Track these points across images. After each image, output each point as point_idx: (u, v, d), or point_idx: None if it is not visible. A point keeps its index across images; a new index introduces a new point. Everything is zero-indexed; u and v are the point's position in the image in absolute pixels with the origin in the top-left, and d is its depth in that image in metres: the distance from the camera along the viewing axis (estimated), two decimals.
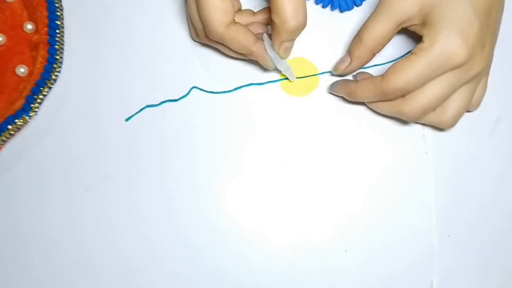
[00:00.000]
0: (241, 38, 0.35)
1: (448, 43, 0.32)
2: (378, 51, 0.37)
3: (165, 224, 0.39)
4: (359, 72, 0.39)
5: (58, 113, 0.40)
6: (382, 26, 0.35)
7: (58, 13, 0.39)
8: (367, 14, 0.40)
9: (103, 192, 0.39)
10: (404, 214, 0.39)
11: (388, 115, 0.38)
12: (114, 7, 0.41)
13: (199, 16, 0.34)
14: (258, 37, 0.36)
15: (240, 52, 0.36)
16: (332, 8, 0.41)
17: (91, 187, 0.39)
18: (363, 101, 0.38)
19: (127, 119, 0.40)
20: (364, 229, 0.39)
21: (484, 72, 0.36)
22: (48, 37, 0.38)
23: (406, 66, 0.33)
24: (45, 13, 0.38)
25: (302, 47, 0.40)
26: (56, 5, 0.39)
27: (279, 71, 0.39)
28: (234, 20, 0.35)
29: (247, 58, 0.38)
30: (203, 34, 0.37)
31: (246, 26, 0.36)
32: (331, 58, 0.40)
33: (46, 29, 0.38)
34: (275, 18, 0.33)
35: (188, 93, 0.40)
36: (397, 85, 0.34)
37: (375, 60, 0.39)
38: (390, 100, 0.36)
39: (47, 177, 0.39)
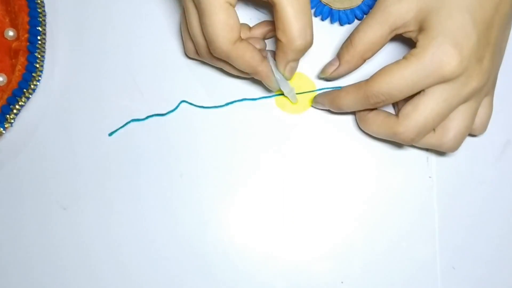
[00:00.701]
0: (248, 57, 0.33)
1: (440, 51, 0.31)
2: (369, 57, 0.35)
3: (148, 246, 0.37)
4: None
5: (36, 126, 0.37)
6: (375, 30, 0.33)
7: (40, 19, 0.36)
8: None
9: (81, 212, 0.37)
10: (405, 243, 0.36)
11: (383, 138, 0.35)
12: (102, 17, 0.39)
13: (203, 32, 0.32)
14: (263, 55, 0.34)
15: (245, 71, 0.34)
16: (332, 21, 0.39)
17: (69, 206, 0.37)
18: (347, 109, 0.35)
19: (110, 134, 0.37)
20: (362, 259, 0.36)
21: (485, 90, 0.34)
22: (28, 43, 0.36)
23: (393, 69, 0.32)
24: (27, 18, 0.36)
25: (300, 61, 0.38)
26: (39, 10, 0.37)
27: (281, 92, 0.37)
28: (240, 37, 0.33)
29: (248, 77, 0.36)
30: (205, 51, 0.34)
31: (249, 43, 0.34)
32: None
33: (27, 35, 0.36)
34: (281, 36, 0.32)
35: (177, 107, 0.38)
36: (382, 88, 0.32)
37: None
38: (374, 107, 0.34)
39: (22, 194, 0.37)
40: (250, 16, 0.39)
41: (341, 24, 0.39)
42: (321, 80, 0.38)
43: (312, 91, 0.38)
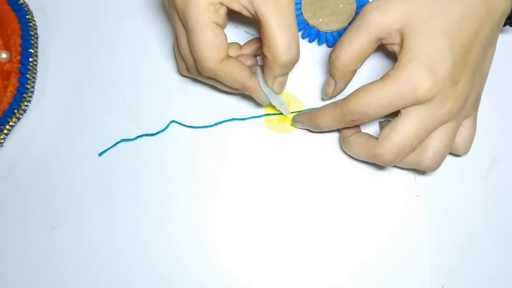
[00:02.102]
0: (236, 74, 0.33)
1: (415, 74, 0.31)
2: (358, 67, 0.35)
3: (137, 264, 0.36)
4: None
5: (27, 146, 0.38)
6: (361, 41, 0.33)
7: (32, 41, 0.37)
8: None
9: (70, 231, 0.37)
10: (394, 262, 0.36)
11: (365, 160, 0.35)
12: (93, 38, 0.40)
13: (191, 51, 0.33)
14: (252, 71, 0.35)
15: (234, 87, 0.35)
16: (319, 43, 0.39)
17: (58, 226, 0.37)
18: (325, 127, 0.36)
19: (100, 154, 0.38)
20: (351, 278, 0.36)
21: (465, 111, 0.34)
22: (20, 65, 0.36)
23: (369, 89, 0.32)
24: (19, 41, 0.37)
25: (288, 82, 0.39)
26: (31, 33, 0.37)
27: (272, 106, 0.37)
28: (227, 55, 0.33)
29: (239, 93, 0.37)
30: (194, 70, 0.35)
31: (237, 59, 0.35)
32: (317, 94, 0.39)
33: (19, 57, 0.37)
34: (267, 52, 0.32)
35: (166, 127, 0.38)
36: (357, 107, 0.33)
37: None
38: (351, 125, 0.34)
39: (12, 213, 0.37)
40: (239, 38, 0.39)
41: (329, 46, 0.39)
42: (327, 100, 0.38)
43: (302, 111, 0.38)
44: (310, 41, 0.39)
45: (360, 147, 0.35)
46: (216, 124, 0.38)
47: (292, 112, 0.38)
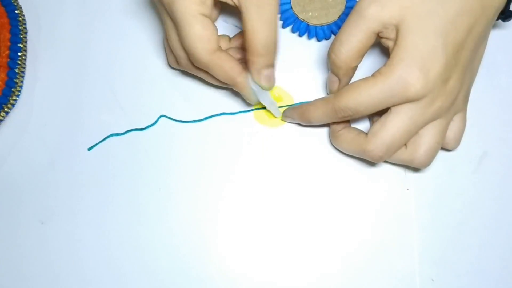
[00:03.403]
0: (227, 67, 0.33)
1: (407, 73, 0.31)
2: (359, 62, 0.34)
3: (128, 261, 0.36)
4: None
5: (16, 140, 0.38)
6: (360, 37, 0.33)
7: (21, 36, 0.37)
8: None
9: (59, 226, 0.37)
10: (384, 256, 0.36)
11: (354, 155, 0.36)
12: (83, 33, 0.40)
13: (181, 45, 0.33)
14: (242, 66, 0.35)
15: (224, 81, 0.34)
16: (309, 37, 0.39)
17: (47, 220, 0.37)
18: (315, 122, 0.36)
19: (89, 148, 0.38)
20: (341, 272, 0.36)
21: (455, 107, 0.34)
22: (9, 60, 0.36)
23: (361, 86, 0.32)
24: (8, 35, 0.37)
25: (277, 76, 0.39)
26: (20, 28, 0.37)
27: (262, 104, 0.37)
28: (219, 47, 0.33)
29: (228, 87, 0.36)
30: (185, 63, 0.35)
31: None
32: (307, 88, 0.39)
33: (7, 52, 0.37)
34: (246, 43, 0.32)
35: (156, 121, 0.38)
36: (349, 104, 0.32)
37: None
38: (341, 120, 0.34)
39: (0, 208, 0.37)
40: (229, 32, 0.39)
41: (318, 40, 0.39)
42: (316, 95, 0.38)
43: (292, 105, 0.38)
44: (300, 35, 0.39)
45: (350, 142, 0.35)
46: (206, 118, 0.38)
47: (281, 107, 0.38)
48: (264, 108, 0.38)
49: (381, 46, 0.38)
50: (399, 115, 0.32)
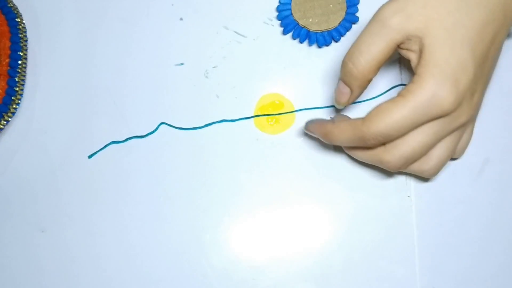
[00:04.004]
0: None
1: (439, 88, 0.29)
2: (376, 74, 0.32)
3: (128, 269, 0.36)
4: (337, 114, 0.35)
5: (17, 148, 0.38)
6: (381, 47, 0.31)
7: (21, 44, 0.37)
8: (346, 49, 0.39)
9: (60, 234, 0.37)
10: (384, 263, 0.36)
11: (369, 163, 0.34)
12: (83, 40, 0.40)
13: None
14: None
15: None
16: (310, 43, 0.39)
17: (48, 229, 0.37)
18: (339, 144, 0.34)
19: (90, 156, 0.38)
20: (341, 279, 0.36)
21: (470, 120, 0.33)
22: (9, 68, 0.36)
23: (390, 109, 0.30)
24: (8, 43, 0.37)
25: (278, 83, 0.39)
26: (20, 36, 0.37)
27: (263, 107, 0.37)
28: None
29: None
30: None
31: None
32: (308, 95, 0.38)
33: (8, 60, 0.37)
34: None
35: (156, 129, 0.38)
36: (379, 130, 0.30)
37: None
38: (370, 147, 0.32)
39: (1, 216, 0.37)
40: (229, 39, 0.39)
41: (319, 46, 0.39)
42: (339, 109, 0.37)
43: (291, 111, 0.38)
44: (300, 42, 0.39)
45: (366, 152, 0.33)
46: (206, 125, 0.38)
47: (281, 113, 0.38)
48: (264, 115, 0.38)
49: None
50: (423, 129, 0.30)
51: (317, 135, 0.35)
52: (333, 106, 0.38)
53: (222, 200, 0.37)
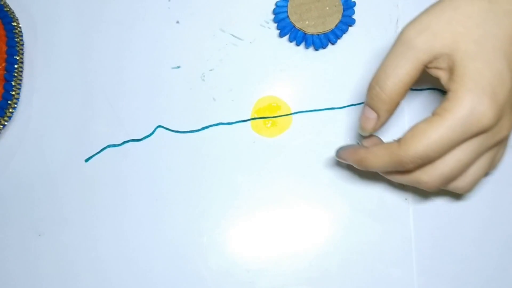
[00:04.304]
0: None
1: (478, 104, 0.27)
2: (403, 98, 0.31)
3: (125, 272, 0.36)
4: (365, 139, 0.34)
5: (13, 152, 0.38)
6: (407, 69, 0.29)
7: (18, 48, 0.37)
8: (343, 52, 0.39)
9: (57, 238, 0.37)
10: (382, 266, 0.36)
11: (403, 183, 0.33)
12: (79, 44, 0.40)
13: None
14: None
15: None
16: (306, 46, 0.39)
17: (45, 232, 0.37)
18: (375, 170, 0.32)
19: (86, 160, 0.38)
20: (339, 282, 0.36)
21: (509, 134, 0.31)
22: (5, 72, 0.36)
23: (427, 129, 0.28)
24: (4, 47, 0.37)
25: (275, 85, 0.39)
26: (16, 40, 0.37)
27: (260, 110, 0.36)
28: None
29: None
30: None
31: None
32: (305, 98, 0.38)
33: (4, 64, 0.37)
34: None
35: (153, 132, 0.38)
36: (418, 152, 0.28)
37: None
38: (409, 171, 0.30)
39: None
40: (226, 42, 0.39)
41: (316, 49, 0.39)
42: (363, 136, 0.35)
43: (288, 114, 0.38)
44: (297, 44, 0.39)
45: (403, 174, 0.31)
46: (203, 128, 0.38)
47: (278, 116, 0.38)
48: (260, 118, 0.38)
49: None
50: (461, 147, 0.29)
51: (351, 162, 0.33)
52: (330, 108, 0.38)
53: (219, 203, 0.37)
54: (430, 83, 0.38)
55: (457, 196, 0.37)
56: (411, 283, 0.36)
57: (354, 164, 0.33)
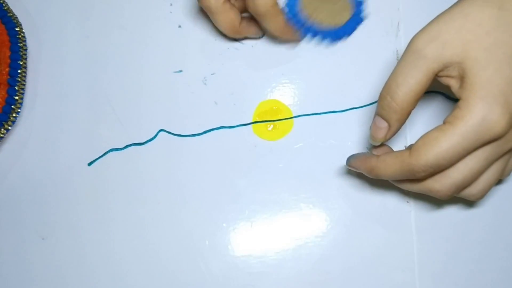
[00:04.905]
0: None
1: (489, 112, 0.27)
2: (414, 107, 0.31)
3: (128, 275, 0.36)
4: (375, 148, 0.34)
5: (17, 157, 0.38)
6: (418, 79, 0.29)
7: (21, 53, 0.37)
8: (344, 56, 0.39)
9: (60, 241, 0.37)
10: (384, 269, 0.36)
11: (416, 191, 0.33)
12: (82, 48, 0.40)
13: None
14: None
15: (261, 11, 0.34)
16: (318, 39, 0.39)
17: (48, 236, 0.37)
18: (386, 178, 0.32)
19: (89, 164, 0.38)
20: (340, 285, 0.36)
21: None
22: (8, 77, 0.37)
23: (439, 138, 0.28)
24: (8, 53, 0.37)
25: (276, 89, 0.39)
26: (20, 45, 0.38)
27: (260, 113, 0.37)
28: None
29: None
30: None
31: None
32: (306, 101, 0.39)
33: (7, 69, 0.37)
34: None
35: (155, 136, 0.38)
36: (429, 161, 0.28)
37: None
38: (420, 179, 0.30)
39: (1, 224, 0.37)
40: (228, 46, 0.39)
41: (329, 40, 0.39)
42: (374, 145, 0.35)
43: (289, 118, 0.38)
44: (310, 38, 0.39)
45: (413, 181, 0.32)
46: (205, 132, 0.38)
47: (279, 120, 0.38)
48: (263, 121, 0.38)
49: None
50: (473, 155, 0.29)
51: (362, 171, 0.33)
52: (331, 112, 0.39)
53: (221, 206, 0.37)
54: (439, 88, 0.38)
55: (463, 201, 0.37)
56: (413, 286, 0.36)
57: (365, 173, 0.33)
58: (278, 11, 0.35)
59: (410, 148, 0.30)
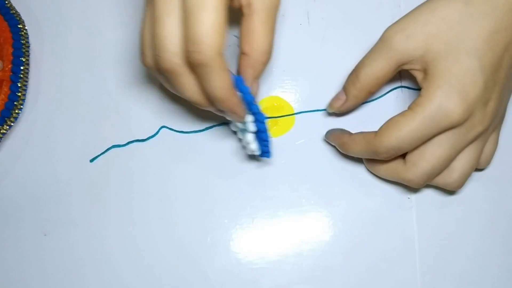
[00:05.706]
0: (226, 75, 0.27)
1: (446, 100, 0.30)
2: (376, 91, 0.34)
3: (130, 272, 0.36)
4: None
5: (19, 153, 0.38)
6: (381, 65, 0.32)
7: (24, 50, 0.37)
8: (345, 52, 0.39)
9: (63, 238, 0.37)
10: (385, 265, 0.36)
11: (390, 180, 0.35)
12: (84, 45, 0.40)
13: (180, 35, 0.27)
14: None
15: (216, 94, 0.28)
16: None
17: (51, 232, 0.37)
18: (354, 155, 0.35)
19: (91, 160, 0.38)
20: (342, 281, 0.36)
21: (490, 129, 0.33)
22: (11, 74, 0.37)
23: (400, 122, 0.31)
24: (11, 49, 0.37)
25: (277, 86, 0.39)
26: (22, 41, 0.38)
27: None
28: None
29: (200, 106, 0.31)
30: (173, 61, 0.27)
31: None
32: (307, 98, 0.39)
33: (10, 66, 0.37)
34: (251, 50, 0.29)
35: (157, 132, 0.38)
36: (390, 143, 0.31)
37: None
38: (383, 159, 0.33)
39: (4, 220, 0.37)
40: (229, 43, 0.40)
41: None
42: (331, 115, 0.37)
43: (291, 114, 0.39)
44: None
45: (387, 170, 0.34)
46: (207, 129, 0.38)
47: (279, 117, 0.38)
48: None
49: None
50: (439, 143, 0.31)
51: (335, 144, 0.36)
52: None
53: (223, 202, 0.37)
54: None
55: (460, 195, 0.37)
56: (414, 282, 0.36)
57: (337, 147, 0.36)
58: (224, 63, 0.27)
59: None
